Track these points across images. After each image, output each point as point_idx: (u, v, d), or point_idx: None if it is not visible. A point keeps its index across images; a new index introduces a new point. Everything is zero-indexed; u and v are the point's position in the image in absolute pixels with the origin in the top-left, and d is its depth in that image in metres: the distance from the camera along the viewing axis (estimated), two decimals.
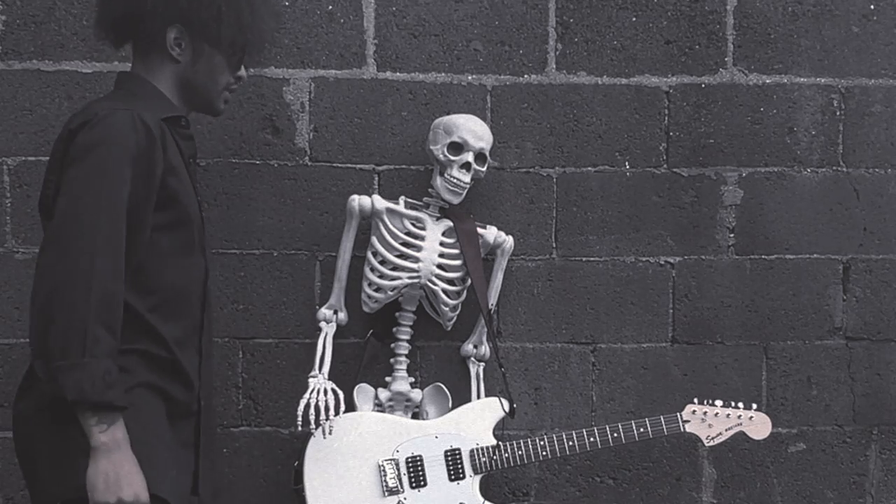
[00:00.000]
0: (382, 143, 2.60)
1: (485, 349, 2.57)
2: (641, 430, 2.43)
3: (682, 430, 2.45)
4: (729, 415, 2.47)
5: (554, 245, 2.69)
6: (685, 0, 2.68)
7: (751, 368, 2.74)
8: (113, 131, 1.77)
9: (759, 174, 2.72)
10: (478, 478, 2.40)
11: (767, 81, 2.71)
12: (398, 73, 2.63)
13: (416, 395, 2.49)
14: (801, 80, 2.72)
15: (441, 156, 2.45)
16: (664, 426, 2.44)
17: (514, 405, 2.49)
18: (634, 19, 2.68)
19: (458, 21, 2.64)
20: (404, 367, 2.49)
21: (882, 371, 2.76)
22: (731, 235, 2.72)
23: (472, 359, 2.58)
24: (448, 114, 2.60)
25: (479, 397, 2.53)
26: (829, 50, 2.72)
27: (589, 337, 2.70)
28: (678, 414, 2.46)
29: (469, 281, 2.49)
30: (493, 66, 2.65)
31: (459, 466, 2.39)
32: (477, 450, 2.39)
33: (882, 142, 2.75)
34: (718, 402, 2.48)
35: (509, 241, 2.56)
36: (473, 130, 2.46)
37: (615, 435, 2.42)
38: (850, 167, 2.74)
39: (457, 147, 2.45)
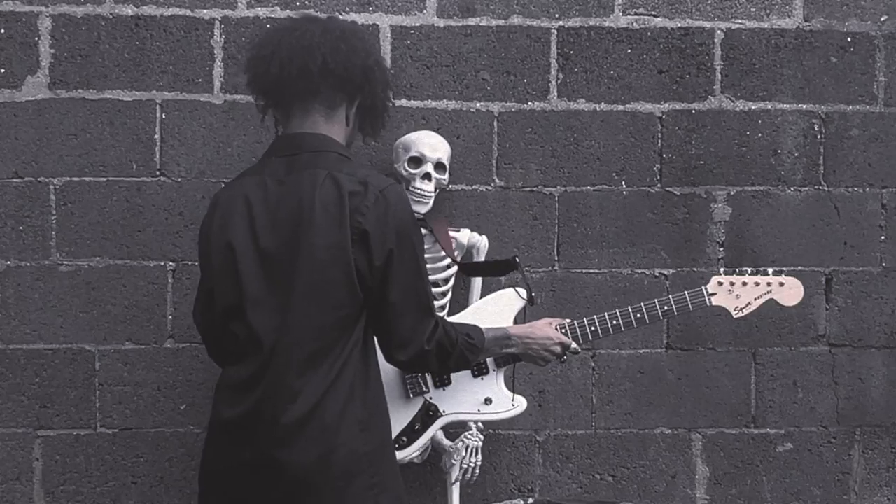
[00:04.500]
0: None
1: None
2: (665, 308, 2.28)
3: (708, 303, 2.28)
4: (758, 283, 2.27)
5: (556, 258, 2.78)
6: (676, 33, 2.79)
7: (740, 373, 2.80)
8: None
9: (746, 193, 2.80)
10: (501, 371, 2.35)
11: (753, 107, 2.81)
12: (412, 101, 2.74)
13: None
14: (784, 106, 2.81)
15: (403, 171, 2.54)
16: (689, 302, 2.29)
17: (534, 293, 2.40)
18: (630, 51, 2.79)
19: (468, 53, 2.75)
20: None
21: (863, 376, 2.83)
22: (721, 249, 2.81)
23: None
24: (459, 138, 2.72)
25: None
26: (809, 79, 2.82)
27: (589, 343, 2.76)
28: (703, 287, 2.30)
29: (452, 281, 2.54)
30: (500, 94, 2.76)
31: (482, 362, 2.31)
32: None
33: (860, 163, 2.84)
34: (747, 270, 2.32)
35: (483, 240, 2.62)
36: (429, 143, 2.56)
37: (638, 316, 2.29)
38: (831, 186, 2.83)
39: (416, 161, 2.54)
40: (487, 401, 2.38)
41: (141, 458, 2.71)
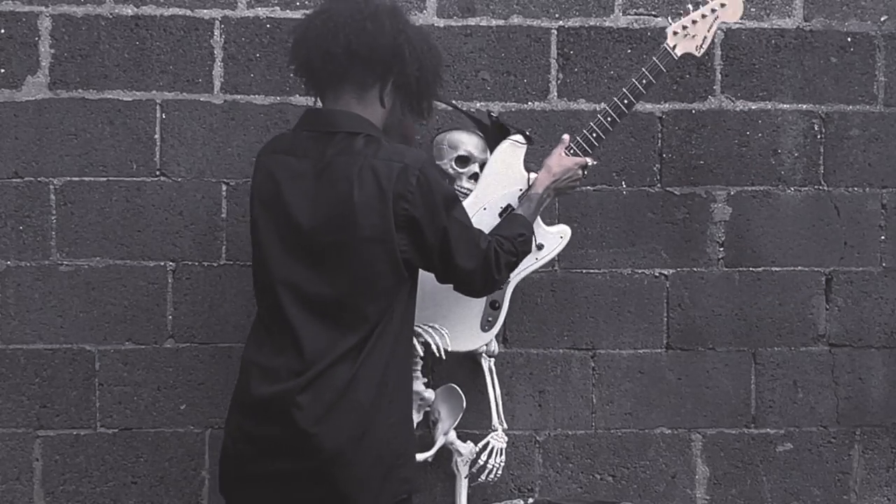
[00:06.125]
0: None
1: (493, 345, 2.61)
2: (643, 81, 2.36)
3: (675, 57, 2.39)
4: (704, 14, 2.38)
5: (556, 258, 2.73)
6: None
7: (740, 373, 2.81)
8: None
9: (746, 193, 2.81)
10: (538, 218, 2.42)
11: (753, 107, 2.82)
12: None
13: (430, 394, 2.54)
14: (784, 106, 2.82)
15: (450, 169, 2.54)
16: (660, 64, 2.38)
17: (528, 132, 2.47)
18: (629, 51, 2.79)
19: (468, 53, 2.75)
20: (419, 367, 2.53)
21: (863, 375, 2.83)
22: (721, 249, 2.82)
23: (483, 355, 2.60)
24: None
25: (493, 390, 2.57)
26: (809, 79, 2.83)
27: (589, 343, 2.78)
28: (664, 45, 2.39)
29: None
30: (500, 94, 2.76)
31: None
32: (524, 194, 2.40)
33: (860, 163, 2.84)
34: (689, 7, 2.41)
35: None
36: (476, 144, 2.56)
37: (625, 101, 2.37)
38: (831, 186, 2.83)
39: (464, 160, 2.54)
40: (539, 247, 2.47)
41: (141, 458, 2.71)
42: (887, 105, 2.86)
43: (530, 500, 2.71)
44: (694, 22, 2.40)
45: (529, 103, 2.78)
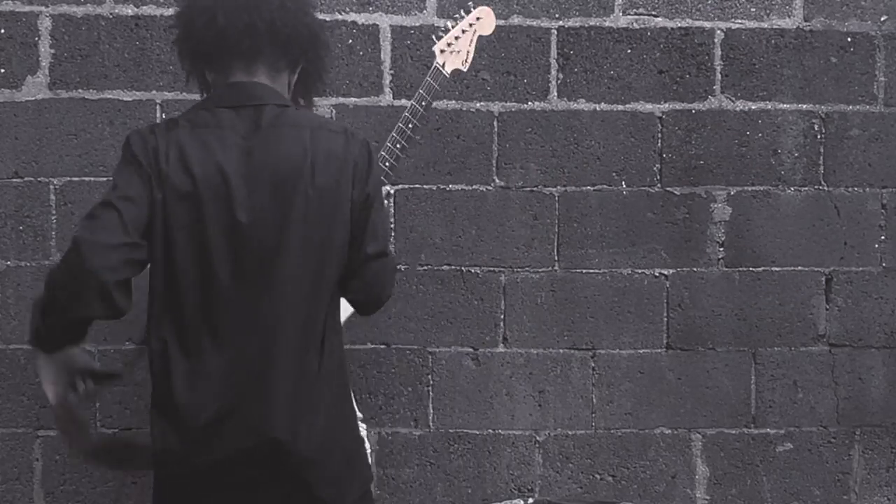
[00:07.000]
0: (398, 164, 2.67)
1: None
2: (423, 102, 2.35)
3: (447, 75, 2.39)
4: (464, 29, 2.42)
5: (556, 258, 2.78)
6: (676, 33, 2.80)
7: (740, 373, 2.81)
8: None
9: (747, 193, 2.82)
10: None
11: (753, 107, 2.82)
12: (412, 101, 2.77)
13: None
14: (784, 106, 2.82)
15: None
16: (434, 83, 2.37)
17: None
18: (630, 51, 2.80)
19: None
20: None
21: (863, 375, 2.84)
22: (721, 249, 2.82)
23: None
24: (459, 138, 2.73)
25: None
26: (809, 79, 2.83)
27: (589, 343, 2.79)
28: (435, 64, 2.38)
29: None
30: (500, 94, 2.77)
31: None
32: None
33: (860, 163, 2.85)
34: (450, 25, 2.43)
35: None
36: None
37: (410, 126, 2.33)
38: (831, 186, 2.83)
39: None
40: None
41: None
42: (887, 105, 2.86)
43: (530, 500, 2.71)
44: (456, 38, 2.42)
45: (529, 103, 2.78)
